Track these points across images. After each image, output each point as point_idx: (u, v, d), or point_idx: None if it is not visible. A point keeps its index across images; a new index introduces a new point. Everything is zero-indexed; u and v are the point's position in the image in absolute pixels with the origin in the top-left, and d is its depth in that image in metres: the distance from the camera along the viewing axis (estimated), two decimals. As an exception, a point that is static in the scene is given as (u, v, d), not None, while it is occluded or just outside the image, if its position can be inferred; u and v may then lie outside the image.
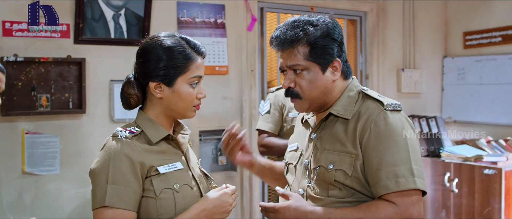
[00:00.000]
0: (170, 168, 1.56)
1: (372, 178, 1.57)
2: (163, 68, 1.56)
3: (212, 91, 3.71)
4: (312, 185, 1.68)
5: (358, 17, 4.46)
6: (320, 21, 1.66)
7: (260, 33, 3.92)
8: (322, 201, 1.64)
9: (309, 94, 1.67)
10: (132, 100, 1.60)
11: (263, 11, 3.94)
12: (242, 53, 3.81)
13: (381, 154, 1.56)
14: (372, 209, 1.54)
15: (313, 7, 4.16)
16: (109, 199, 1.44)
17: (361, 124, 1.61)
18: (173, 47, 1.58)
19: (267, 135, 3.08)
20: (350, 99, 1.70)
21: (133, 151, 1.50)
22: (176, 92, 1.58)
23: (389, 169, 1.54)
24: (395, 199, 1.53)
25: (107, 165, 1.47)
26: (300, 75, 1.65)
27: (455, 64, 4.85)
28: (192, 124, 3.60)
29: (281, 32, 1.65)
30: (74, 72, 3.24)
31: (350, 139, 1.63)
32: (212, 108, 3.72)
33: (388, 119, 1.60)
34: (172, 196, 1.53)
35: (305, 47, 1.63)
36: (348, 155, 1.62)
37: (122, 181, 1.47)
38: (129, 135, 1.54)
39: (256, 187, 3.91)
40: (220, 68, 3.69)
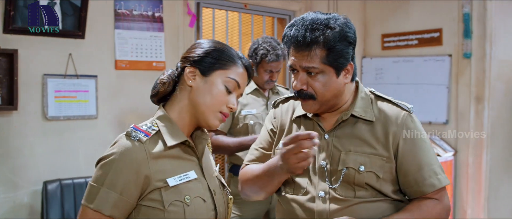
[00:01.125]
0: (181, 179, 1.46)
1: (415, 178, 1.65)
2: (204, 55, 1.51)
3: (148, 88, 3.55)
4: (335, 187, 1.66)
5: (287, 16, 4.52)
6: (337, 23, 1.62)
7: (197, 29, 3.84)
8: (348, 202, 1.64)
9: (322, 97, 1.65)
10: (160, 85, 1.53)
11: (200, 6, 3.86)
12: (179, 48, 3.71)
13: (419, 156, 1.66)
14: (423, 209, 1.64)
15: (247, 4, 4.15)
16: (98, 202, 1.37)
17: (393, 128, 1.67)
18: (224, 45, 1.57)
19: (215, 133, 3.02)
20: (365, 100, 1.73)
21: (142, 160, 1.41)
22: (208, 84, 1.50)
23: (429, 168, 1.66)
24: (437, 195, 1.67)
25: (109, 167, 1.38)
26: (314, 77, 1.63)
27: (374, 65, 5.08)
28: (128, 121, 3.46)
29: (299, 33, 1.60)
30: (4, 65, 2.95)
31: (381, 142, 1.66)
32: (147, 105, 3.56)
33: (415, 122, 1.70)
34: (182, 210, 1.44)
35: (323, 51, 1.59)
36: (379, 157, 1.65)
37: (119, 189, 1.38)
38: (144, 138, 1.43)
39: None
40: (157, 64, 3.56)
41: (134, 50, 3.45)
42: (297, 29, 1.61)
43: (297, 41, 1.60)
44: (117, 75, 3.43)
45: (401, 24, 4.86)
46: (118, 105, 3.45)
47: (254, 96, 3.10)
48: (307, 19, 1.64)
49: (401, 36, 4.87)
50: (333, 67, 1.62)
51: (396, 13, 4.91)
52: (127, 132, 1.44)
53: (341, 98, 1.71)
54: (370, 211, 1.64)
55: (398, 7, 4.88)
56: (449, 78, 4.51)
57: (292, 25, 1.65)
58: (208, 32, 4.07)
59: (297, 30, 1.61)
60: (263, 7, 4.28)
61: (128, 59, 3.43)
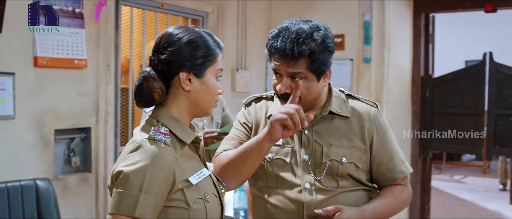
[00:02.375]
0: (200, 177, 1.48)
1: (387, 167, 1.85)
2: (196, 57, 1.47)
3: (68, 87, 3.42)
4: (320, 179, 1.77)
5: (201, 17, 4.54)
6: (319, 35, 1.71)
7: (115, 27, 3.72)
8: (332, 192, 1.77)
9: (305, 99, 1.76)
10: (156, 95, 1.45)
11: (119, 4, 3.75)
12: (99, 46, 3.57)
13: (389, 147, 1.87)
14: (395, 194, 1.86)
15: (163, 3, 4.11)
16: (140, 209, 1.32)
17: (367, 123, 1.84)
18: (204, 37, 1.51)
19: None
20: (338, 99, 1.88)
21: (171, 162, 1.40)
22: (205, 85, 1.50)
23: (398, 157, 1.87)
24: (404, 181, 1.90)
25: (144, 172, 1.34)
26: (298, 82, 1.72)
27: (278, 67, 5.25)
28: (47, 122, 3.28)
29: (286, 46, 1.68)
30: None
31: (357, 136, 1.83)
32: (67, 105, 3.42)
33: (383, 117, 1.91)
34: (203, 206, 1.46)
35: (307, 61, 1.69)
36: (357, 149, 1.82)
37: (155, 192, 1.35)
38: (168, 140, 1.41)
39: (111, 189, 3.70)
40: (79, 61, 3.40)
41: (55, 47, 3.26)
42: (283, 41, 1.69)
43: (284, 53, 1.68)
44: (36, 73, 3.22)
45: (305, 29, 5.08)
46: (37, 104, 3.24)
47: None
48: (293, 31, 1.71)
49: (305, 40, 5.10)
50: (315, 74, 1.73)
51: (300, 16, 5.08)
52: (149, 136, 1.40)
53: (319, 98, 1.84)
54: (351, 200, 1.79)
55: (302, 13, 5.10)
56: (350, 81, 4.81)
57: (277, 36, 1.73)
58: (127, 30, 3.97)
59: (283, 42, 1.69)
60: (179, 7, 4.26)
61: (49, 56, 3.23)
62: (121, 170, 1.35)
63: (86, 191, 3.55)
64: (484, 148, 4.68)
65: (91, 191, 3.58)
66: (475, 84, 4.71)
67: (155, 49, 1.50)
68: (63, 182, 3.41)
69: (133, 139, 1.44)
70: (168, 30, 1.52)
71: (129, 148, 1.40)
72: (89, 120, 3.56)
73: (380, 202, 1.81)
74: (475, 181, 8.61)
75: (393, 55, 4.73)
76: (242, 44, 4.94)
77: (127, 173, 1.34)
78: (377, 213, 1.78)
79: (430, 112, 4.96)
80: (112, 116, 3.67)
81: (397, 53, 4.80)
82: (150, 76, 1.46)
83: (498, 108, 4.59)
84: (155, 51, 1.50)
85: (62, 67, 3.33)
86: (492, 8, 4.66)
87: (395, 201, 1.85)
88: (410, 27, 4.99)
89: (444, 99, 4.91)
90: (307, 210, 1.75)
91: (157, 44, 1.50)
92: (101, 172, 3.61)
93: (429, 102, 4.96)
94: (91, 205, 3.58)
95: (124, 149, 1.44)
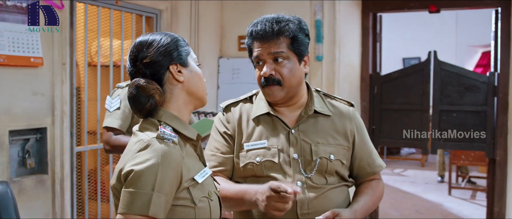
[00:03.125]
0: (204, 176, 1.50)
1: (368, 162, 1.98)
2: (175, 49, 1.51)
3: (22, 86, 3.30)
4: (310, 176, 1.83)
5: (155, 15, 4.49)
6: (295, 17, 1.87)
7: (70, 24, 3.63)
8: (322, 189, 1.84)
9: (289, 82, 1.83)
10: (156, 95, 1.46)
11: (73, 1, 3.65)
12: (54, 44, 3.47)
13: (367, 143, 2.01)
14: (374, 187, 1.97)
15: (118, 1, 4.04)
16: (153, 208, 1.32)
17: (348, 122, 1.95)
18: (172, 34, 1.56)
19: (114, 133, 2.94)
20: (318, 98, 1.96)
21: (179, 159, 1.41)
22: (193, 72, 1.55)
23: (374, 153, 2.02)
24: (378, 175, 2.04)
25: (156, 170, 1.34)
26: (281, 63, 1.81)
27: (230, 65, 5.29)
28: (1, 123, 3.17)
29: (266, 26, 1.81)
30: None
31: (341, 134, 1.91)
32: (21, 105, 3.30)
33: (359, 115, 2.00)
34: (208, 205, 1.48)
35: (288, 39, 1.81)
36: (342, 147, 1.90)
37: (166, 191, 1.36)
38: (176, 139, 1.42)
39: (67, 191, 3.61)
40: (35, 59, 3.29)
41: (11, 44, 3.15)
42: (263, 24, 1.82)
43: (265, 33, 1.80)
44: (-11, 72, 3.10)
45: (257, 27, 5.13)
46: (-11, 105, 3.12)
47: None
48: (270, 17, 1.85)
49: (257, 39, 5.15)
50: (296, 54, 1.83)
51: (252, 15, 5.14)
52: (157, 135, 1.40)
53: (300, 89, 1.90)
54: (338, 196, 1.88)
55: (253, 11, 5.15)
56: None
57: (257, 23, 1.85)
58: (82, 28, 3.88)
59: (264, 24, 1.82)
60: (133, 4, 4.21)
61: (6, 53, 3.12)
62: (131, 169, 1.35)
63: (43, 194, 3.45)
64: (429, 142, 4.90)
65: (47, 193, 3.48)
66: (421, 82, 4.91)
67: (135, 58, 1.50)
68: (18, 185, 3.30)
69: (139, 138, 1.43)
70: (139, 39, 1.54)
71: (136, 147, 1.40)
72: (45, 120, 3.46)
73: (366, 199, 1.90)
74: (415, 174, 8.97)
75: (344, 54, 4.86)
76: (195, 42, 4.94)
77: (139, 172, 1.34)
78: (365, 210, 1.87)
79: (378, 108, 5.13)
80: (68, 115, 3.58)
81: (347, 51, 4.94)
82: (144, 81, 1.47)
83: (442, 104, 4.82)
84: (135, 60, 1.50)
85: (18, 65, 3.21)
86: (435, 9, 4.88)
87: (376, 196, 1.96)
88: (359, 26, 5.15)
89: (391, 96, 5.09)
90: (301, 208, 1.80)
91: (136, 52, 1.51)
92: (58, 173, 3.52)
93: (377, 99, 5.13)
94: (48, 208, 3.49)
95: (129, 148, 1.44)
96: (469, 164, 7.31)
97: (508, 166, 4.51)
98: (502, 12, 4.55)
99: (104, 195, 4.30)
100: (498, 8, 4.59)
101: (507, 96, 4.49)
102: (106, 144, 2.94)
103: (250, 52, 1.90)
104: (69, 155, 3.63)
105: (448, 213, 6.41)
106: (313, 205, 1.80)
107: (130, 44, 4.23)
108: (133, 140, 1.46)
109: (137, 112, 1.50)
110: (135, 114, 1.52)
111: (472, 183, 7.81)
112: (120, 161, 1.44)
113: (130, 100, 1.50)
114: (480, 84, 4.67)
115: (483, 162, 6.92)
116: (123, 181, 1.37)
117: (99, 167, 4.05)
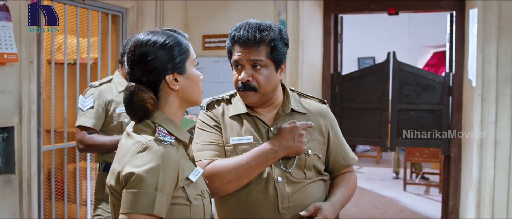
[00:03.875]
0: (197, 175, 1.55)
1: (342, 155, 2.10)
2: (174, 56, 1.53)
3: (-3, 83, 3.26)
4: (290, 171, 1.91)
5: (121, 13, 4.49)
6: (277, 26, 1.93)
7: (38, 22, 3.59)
8: (301, 184, 1.92)
9: (264, 89, 1.90)
10: (149, 105, 1.50)
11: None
12: (21, 42, 3.43)
13: (340, 138, 2.12)
14: (348, 180, 2.09)
15: None
16: (158, 207, 1.38)
17: (322, 119, 2.06)
18: (173, 34, 1.57)
19: (88, 132, 2.95)
20: (293, 97, 2.06)
21: (176, 160, 1.46)
22: (189, 78, 1.57)
23: (347, 146, 2.14)
24: (351, 168, 2.16)
25: (157, 171, 1.39)
26: (259, 71, 1.88)
27: (194, 63, 5.31)
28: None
29: (249, 33, 1.86)
30: None
31: (317, 130, 2.01)
32: (-10, 104, 3.26)
33: (331, 112, 2.12)
34: (201, 203, 1.54)
35: (268, 48, 1.87)
36: (317, 142, 2.00)
37: (168, 190, 1.41)
38: (173, 141, 1.47)
39: (35, 191, 3.57)
40: (9, 56, 3.24)
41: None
42: (246, 30, 1.87)
43: (247, 39, 1.85)
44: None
45: (222, 26, 5.19)
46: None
47: (125, 94, 3.08)
48: (253, 23, 1.91)
49: (221, 38, 5.21)
50: (274, 62, 1.90)
51: (216, 15, 5.23)
52: (155, 137, 1.45)
53: (275, 93, 1.98)
54: (316, 190, 1.97)
55: (217, 10, 5.21)
56: (267, 78, 4.99)
57: (239, 28, 1.90)
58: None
59: (246, 31, 1.87)
60: (100, 2, 4.19)
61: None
62: (132, 171, 1.38)
63: (10, 194, 3.41)
64: (389, 139, 5.08)
65: (14, 193, 3.44)
66: (380, 81, 5.08)
67: (132, 62, 1.53)
68: (-15, 185, 3.25)
69: (136, 140, 1.46)
70: (139, 39, 1.54)
71: (134, 149, 1.44)
72: (12, 119, 3.41)
73: (342, 192, 2.01)
74: (370, 171, 9.23)
75: (307, 53, 4.98)
76: (160, 41, 4.93)
77: (141, 174, 1.38)
78: (342, 202, 1.99)
79: (339, 107, 5.27)
80: (35, 114, 3.55)
81: (310, 51, 5.06)
82: (138, 89, 1.51)
83: (400, 103, 5.00)
84: (133, 64, 1.53)
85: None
86: (394, 11, 5.06)
87: (350, 188, 2.08)
88: (321, 27, 5.28)
89: (352, 95, 5.25)
90: (281, 202, 1.87)
91: (133, 56, 1.53)
92: (25, 172, 3.48)
93: (339, 98, 5.28)
94: (15, 208, 3.44)
95: (125, 149, 1.47)
96: (423, 161, 7.59)
97: (462, 162, 4.74)
98: (456, 15, 4.77)
99: (71, 195, 4.27)
100: (453, 12, 4.82)
101: (461, 95, 4.72)
102: (80, 143, 2.94)
103: (229, 54, 1.96)
104: (36, 154, 3.59)
105: (403, 208, 6.65)
106: (293, 199, 1.89)
107: (96, 42, 4.23)
108: (130, 142, 1.49)
109: (131, 116, 1.55)
110: (129, 116, 1.56)
111: (425, 179, 8.11)
112: (117, 162, 1.48)
113: (124, 103, 1.54)
114: (436, 84, 4.87)
115: (436, 158, 7.21)
116: (122, 183, 1.41)
117: (66, 167, 4.02)
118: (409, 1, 5.01)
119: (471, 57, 4.46)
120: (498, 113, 4.20)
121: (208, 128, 2.00)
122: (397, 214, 6.33)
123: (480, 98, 4.25)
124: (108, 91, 3.05)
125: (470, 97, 4.46)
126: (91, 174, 4.32)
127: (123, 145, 1.52)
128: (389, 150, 5.14)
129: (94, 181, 4.18)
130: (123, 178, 1.41)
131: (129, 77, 1.56)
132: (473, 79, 4.39)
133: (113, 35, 4.50)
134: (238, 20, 1.98)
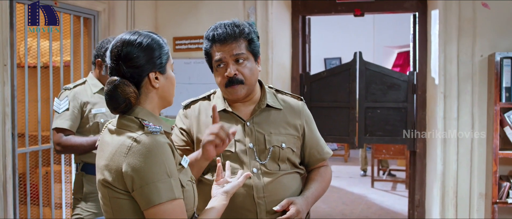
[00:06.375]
0: (186, 161, 1.66)
1: (317, 150, 2.22)
2: (158, 56, 1.63)
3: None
4: (265, 163, 2.03)
5: (92, 16, 4.52)
6: (247, 23, 2.07)
7: (10, 26, 3.61)
8: (276, 175, 2.05)
9: (250, 80, 2.03)
10: (132, 98, 1.59)
11: (13, 2, 3.64)
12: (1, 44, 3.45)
13: (315, 133, 2.24)
14: (322, 174, 2.21)
15: (57, 2, 4.05)
16: (176, 191, 1.50)
17: (298, 115, 2.16)
18: (156, 37, 1.68)
19: (65, 134, 2.99)
20: (270, 93, 2.18)
21: (169, 147, 1.56)
22: (168, 79, 1.68)
23: (322, 141, 2.26)
24: (326, 162, 2.28)
25: (161, 160, 1.49)
26: (242, 64, 2.01)
27: (166, 65, 5.37)
28: None
29: (228, 29, 2.00)
30: None
31: (291, 125, 2.12)
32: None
33: (307, 108, 2.24)
34: (191, 188, 1.65)
35: (245, 41, 2.02)
36: (292, 136, 2.11)
37: (175, 174, 1.53)
38: (161, 130, 1.56)
39: (10, 194, 3.59)
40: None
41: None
42: (223, 28, 2.01)
43: (227, 35, 1.99)
44: None
45: (192, 29, 5.27)
46: None
47: (101, 94, 3.11)
48: (228, 22, 2.05)
49: (192, 40, 5.29)
50: (253, 54, 2.05)
51: (187, 17, 5.30)
52: (145, 130, 1.53)
53: (255, 88, 2.11)
54: (291, 181, 2.10)
55: (188, 13, 5.28)
56: (238, 79, 5.08)
57: (216, 28, 2.03)
58: (21, 29, 3.86)
59: (224, 29, 2.01)
60: (72, 6, 4.22)
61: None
62: (139, 166, 1.47)
63: (-15, 196, 3.42)
64: (356, 137, 5.24)
65: (-10, 195, 3.46)
66: (347, 81, 5.23)
67: (117, 57, 1.61)
68: (-40, 188, 3.26)
69: (127, 135, 1.54)
70: (125, 38, 1.64)
71: (127, 144, 1.51)
72: (-14, 122, 3.43)
73: (316, 185, 2.14)
74: (338, 169, 9.41)
75: (276, 54, 5.10)
76: (132, 43, 4.98)
77: (149, 166, 1.47)
78: (315, 196, 2.12)
79: (309, 106, 5.32)
80: (9, 117, 3.56)
81: (279, 52, 5.18)
82: (122, 83, 1.58)
83: (367, 101, 5.16)
84: (117, 60, 1.61)
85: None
86: (360, 12, 5.23)
87: (325, 182, 2.20)
88: (289, 28, 5.41)
89: (320, 94, 5.39)
90: (257, 192, 1.99)
91: (119, 52, 1.61)
92: (0, 175, 3.50)
93: (307, 97, 5.41)
94: (-9, 210, 3.46)
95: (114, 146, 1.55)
96: (390, 157, 7.81)
97: (427, 158, 4.93)
98: (419, 16, 4.97)
99: (45, 197, 4.28)
100: (416, 13, 5.01)
101: (425, 93, 4.91)
102: (57, 145, 2.99)
103: (208, 56, 2.08)
104: (11, 157, 3.61)
105: (371, 203, 6.84)
106: (268, 189, 2.01)
107: (68, 45, 4.25)
108: (118, 138, 1.56)
109: (112, 109, 1.62)
110: (109, 109, 1.64)
111: (392, 176, 8.35)
112: (107, 159, 1.55)
113: (106, 96, 1.61)
114: (401, 82, 5.06)
115: (402, 155, 7.43)
116: (130, 181, 1.49)
117: (40, 169, 4.03)
118: (374, 3, 5.18)
119: (434, 56, 4.65)
120: (460, 109, 4.40)
121: (176, 130, 2.16)
122: (366, 210, 6.51)
123: (443, 95, 4.44)
124: (83, 92, 3.10)
125: (433, 95, 4.65)
126: (66, 177, 4.34)
127: (109, 142, 1.59)
128: (357, 147, 5.30)
129: (69, 183, 4.22)
130: (130, 177, 1.48)
131: (111, 72, 1.64)
132: (436, 77, 4.58)
133: (86, 37, 4.53)
134: (208, 22, 2.10)
